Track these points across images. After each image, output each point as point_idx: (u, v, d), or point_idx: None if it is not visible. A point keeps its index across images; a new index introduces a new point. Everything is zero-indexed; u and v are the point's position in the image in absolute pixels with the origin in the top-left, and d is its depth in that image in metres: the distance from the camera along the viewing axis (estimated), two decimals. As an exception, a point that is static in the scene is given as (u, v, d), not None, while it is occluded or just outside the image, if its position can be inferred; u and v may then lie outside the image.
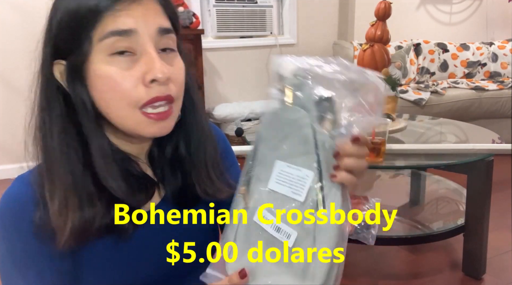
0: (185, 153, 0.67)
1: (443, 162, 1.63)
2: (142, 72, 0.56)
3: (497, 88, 3.27)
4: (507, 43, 3.68)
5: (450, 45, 3.63)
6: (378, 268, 1.87)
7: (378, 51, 1.80)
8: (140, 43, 0.56)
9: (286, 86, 0.56)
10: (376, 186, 2.36)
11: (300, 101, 0.55)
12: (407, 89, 3.21)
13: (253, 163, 0.59)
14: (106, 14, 0.55)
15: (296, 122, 0.54)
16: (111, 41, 0.55)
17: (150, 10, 0.58)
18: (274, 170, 0.56)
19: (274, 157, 0.56)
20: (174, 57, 0.61)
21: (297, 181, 0.54)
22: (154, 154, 0.68)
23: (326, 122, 0.54)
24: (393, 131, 1.79)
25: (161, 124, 0.59)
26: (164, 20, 0.59)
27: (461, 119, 2.33)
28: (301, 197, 0.53)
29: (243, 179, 0.59)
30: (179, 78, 0.61)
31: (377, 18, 1.86)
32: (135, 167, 0.64)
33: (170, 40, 0.60)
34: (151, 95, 0.57)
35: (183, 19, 2.84)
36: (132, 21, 0.56)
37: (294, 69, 0.55)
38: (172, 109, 0.60)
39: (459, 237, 1.75)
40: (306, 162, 0.53)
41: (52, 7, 0.58)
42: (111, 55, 0.56)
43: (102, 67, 0.56)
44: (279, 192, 0.55)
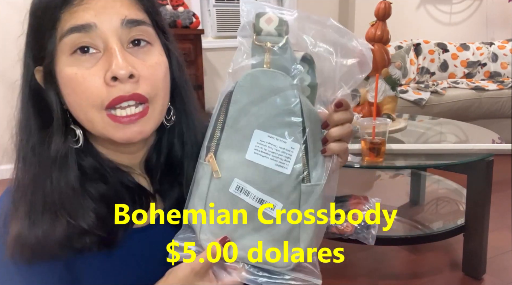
0: (180, 158, 0.62)
1: (443, 162, 1.63)
2: (105, 70, 0.52)
3: (497, 88, 3.27)
4: (507, 43, 3.68)
5: (450, 45, 3.63)
6: (378, 268, 1.87)
7: (378, 51, 1.80)
8: (102, 38, 0.52)
9: (265, 44, 0.50)
10: (376, 186, 2.36)
11: (280, 63, 0.50)
12: (407, 89, 3.21)
13: (222, 127, 0.52)
14: (63, 10, 0.52)
15: (280, 90, 0.50)
16: (71, 39, 0.51)
17: (113, 2, 0.53)
18: (252, 139, 0.51)
19: (252, 125, 0.51)
20: (148, 52, 0.55)
21: (282, 153, 0.50)
22: (151, 163, 0.63)
23: (305, 87, 0.51)
24: (393, 131, 1.78)
25: (131, 128, 0.54)
26: (133, 11, 0.54)
27: (461, 119, 2.33)
28: (287, 170, 0.50)
29: (209, 144, 0.53)
30: (155, 74, 0.55)
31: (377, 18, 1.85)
32: (127, 179, 0.59)
33: (141, 33, 0.55)
34: (112, 95, 0.52)
35: (183, 19, 2.84)
36: (90, 15, 0.51)
37: (276, 22, 0.49)
38: (147, 110, 0.54)
39: (459, 237, 1.74)
40: (292, 133, 0.50)
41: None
42: (72, 54, 0.52)
43: (64, 69, 0.53)
44: (260, 163, 0.51)
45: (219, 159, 0.52)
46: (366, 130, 1.49)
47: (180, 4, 2.95)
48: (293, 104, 0.50)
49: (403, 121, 1.95)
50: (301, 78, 0.51)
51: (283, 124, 0.51)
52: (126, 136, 0.54)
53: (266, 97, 0.50)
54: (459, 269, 1.78)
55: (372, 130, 1.48)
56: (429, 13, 4.08)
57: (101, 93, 0.52)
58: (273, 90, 0.50)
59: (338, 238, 1.40)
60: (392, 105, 1.88)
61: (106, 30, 0.52)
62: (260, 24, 0.50)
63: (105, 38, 0.52)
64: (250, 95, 0.51)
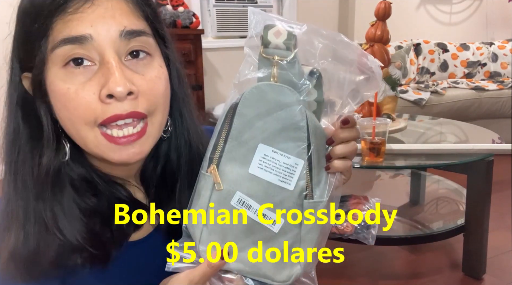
0: (175, 170, 0.60)
1: (443, 162, 1.63)
2: (100, 85, 0.48)
3: (497, 88, 3.27)
4: (507, 43, 3.68)
5: (450, 45, 3.63)
6: (378, 268, 1.87)
7: (378, 51, 1.80)
8: (98, 51, 0.48)
9: (273, 55, 0.49)
10: (376, 186, 2.37)
11: (288, 77, 0.49)
12: (407, 89, 3.21)
13: (225, 139, 0.51)
14: (56, 19, 0.47)
15: (286, 105, 0.49)
16: (64, 51, 0.47)
17: (112, 10, 0.48)
18: (256, 153, 0.50)
19: (256, 139, 0.50)
20: (147, 64, 0.51)
21: (285, 169, 0.50)
22: (147, 174, 0.60)
23: (312, 102, 0.51)
24: (393, 131, 1.78)
25: (129, 149, 0.50)
26: (132, 21, 0.50)
27: (461, 119, 2.33)
28: (291, 186, 0.50)
29: (212, 155, 0.52)
30: (154, 88, 0.51)
31: (377, 18, 1.85)
32: (121, 192, 0.56)
33: (141, 44, 0.51)
34: (108, 113, 0.48)
35: (183, 19, 2.84)
36: (85, 25, 0.47)
37: (284, 36, 0.48)
38: (145, 128, 0.51)
39: (459, 237, 1.75)
40: (296, 149, 0.50)
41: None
42: (65, 66, 0.48)
43: (55, 81, 0.48)
44: (263, 178, 0.50)
45: (222, 171, 0.51)
46: (366, 130, 1.49)
47: (180, 4, 2.95)
48: (299, 120, 0.49)
49: (403, 121, 1.95)
50: (308, 93, 0.50)
51: (288, 139, 0.50)
52: (123, 158, 0.51)
53: (272, 112, 0.50)
54: (459, 269, 1.78)
55: (372, 130, 1.48)
56: (429, 13, 4.08)
57: (95, 110, 0.48)
58: (280, 105, 0.49)
59: (338, 238, 1.40)
60: (392, 105, 1.88)
61: (103, 42, 0.48)
62: (269, 37, 0.49)
63: (101, 50, 0.48)
64: (256, 108, 0.50)
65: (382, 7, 1.84)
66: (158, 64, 0.53)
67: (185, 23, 2.86)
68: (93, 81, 0.48)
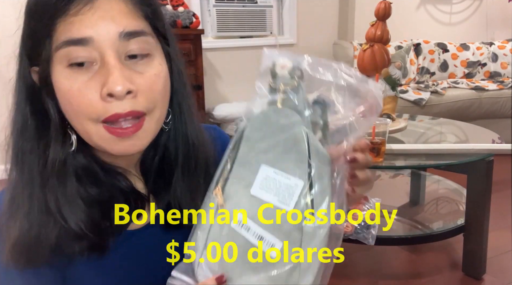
0: (173, 161, 0.62)
1: (443, 162, 1.63)
2: (101, 84, 0.50)
3: (497, 88, 3.27)
4: (507, 43, 3.68)
5: (450, 45, 3.63)
6: (378, 268, 1.87)
7: (378, 51, 1.80)
8: (99, 51, 0.50)
9: (279, 85, 0.52)
10: (376, 186, 2.36)
11: (292, 103, 0.52)
12: (407, 89, 3.21)
13: (232, 162, 0.54)
14: (59, 20, 0.49)
15: (289, 127, 0.51)
16: (67, 51, 0.50)
17: (111, 12, 0.50)
18: (258, 175, 0.52)
19: (259, 161, 0.52)
20: (147, 63, 0.53)
21: (285, 190, 0.50)
22: (147, 164, 0.62)
23: (317, 129, 0.51)
24: (393, 131, 1.79)
25: (127, 141, 0.53)
26: (131, 21, 0.52)
27: (461, 119, 2.33)
28: (289, 207, 0.50)
29: (219, 178, 0.55)
30: (153, 86, 0.53)
31: (377, 18, 1.85)
32: (121, 182, 0.58)
33: (141, 44, 0.52)
34: (109, 112, 0.51)
35: (183, 19, 2.84)
36: (87, 28, 0.49)
37: (290, 67, 0.52)
38: (142, 122, 0.53)
39: (459, 237, 1.75)
40: (297, 171, 0.50)
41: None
42: (69, 66, 0.50)
43: (60, 79, 0.51)
44: (263, 199, 0.51)
45: (226, 193, 0.54)
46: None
47: (180, 4, 2.95)
48: (300, 142, 0.50)
49: (403, 121, 1.95)
50: (313, 120, 0.51)
51: (289, 160, 0.51)
52: (121, 150, 0.54)
53: (275, 134, 0.52)
54: (459, 269, 1.78)
55: (372, 130, 1.48)
56: (429, 13, 4.08)
57: (98, 109, 0.51)
58: (282, 127, 0.52)
59: (338, 238, 1.41)
60: (392, 105, 1.88)
61: (103, 43, 0.50)
62: (276, 69, 0.53)
63: (101, 51, 0.50)
64: (260, 131, 0.53)
65: (382, 7, 1.83)
66: (157, 62, 0.55)
67: (185, 23, 2.86)
68: (95, 80, 0.50)
